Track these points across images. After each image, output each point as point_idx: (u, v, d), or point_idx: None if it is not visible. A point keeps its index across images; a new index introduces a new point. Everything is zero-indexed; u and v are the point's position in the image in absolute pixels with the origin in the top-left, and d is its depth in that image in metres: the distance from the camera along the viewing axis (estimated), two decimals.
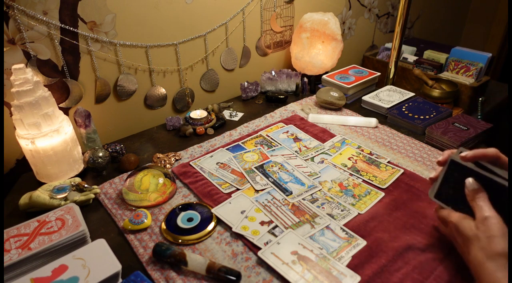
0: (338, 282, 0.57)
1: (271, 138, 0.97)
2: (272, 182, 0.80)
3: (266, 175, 0.82)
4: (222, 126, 1.05)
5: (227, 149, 0.92)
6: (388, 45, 1.60)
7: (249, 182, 0.80)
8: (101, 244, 0.61)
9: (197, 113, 1.04)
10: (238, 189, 0.78)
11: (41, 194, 0.73)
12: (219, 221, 0.70)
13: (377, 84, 1.29)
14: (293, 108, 1.14)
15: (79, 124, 0.88)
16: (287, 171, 0.83)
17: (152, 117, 1.11)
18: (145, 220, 0.70)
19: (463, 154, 0.56)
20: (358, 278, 0.58)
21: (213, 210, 0.72)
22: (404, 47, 1.54)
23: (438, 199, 0.60)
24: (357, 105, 1.17)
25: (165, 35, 1.03)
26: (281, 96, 1.18)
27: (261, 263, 0.62)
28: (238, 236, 0.67)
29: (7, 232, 0.63)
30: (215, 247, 0.65)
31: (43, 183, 0.81)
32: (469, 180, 0.54)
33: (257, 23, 1.24)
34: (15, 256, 0.58)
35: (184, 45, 1.08)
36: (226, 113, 1.12)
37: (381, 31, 1.76)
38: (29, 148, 0.77)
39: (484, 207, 0.51)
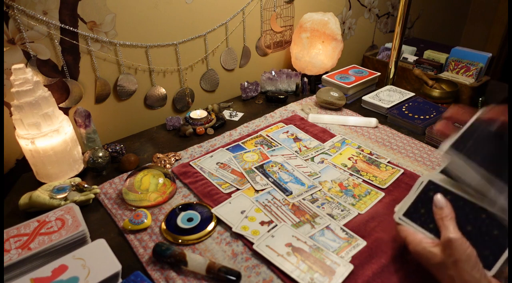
0: (332, 271, 0.58)
1: (271, 138, 0.97)
2: (272, 182, 0.80)
3: (266, 175, 0.82)
4: (222, 126, 1.05)
5: (227, 149, 0.92)
6: (388, 45, 1.60)
7: (249, 182, 0.80)
8: (101, 244, 0.61)
9: (197, 113, 1.04)
10: (238, 189, 0.78)
11: (41, 194, 0.73)
12: (219, 221, 0.70)
13: (377, 84, 1.29)
14: (293, 108, 1.14)
15: (79, 124, 0.88)
16: (287, 171, 0.83)
17: (152, 117, 1.11)
18: (145, 220, 0.70)
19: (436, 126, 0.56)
20: (351, 267, 0.59)
21: (213, 210, 0.72)
22: (404, 47, 1.54)
23: (408, 217, 0.58)
24: (357, 105, 1.17)
25: (165, 35, 1.03)
26: (281, 96, 1.18)
27: (258, 258, 0.62)
28: (238, 236, 0.67)
29: (7, 232, 0.63)
30: (215, 247, 0.65)
31: (43, 183, 0.81)
32: (438, 197, 0.53)
33: (257, 23, 1.24)
34: (15, 256, 0.58)
35: (184, 45, 1.08)
36: (226, 113, 1.12)
37: (381, 31, 1.76)
38: (29, 148, 0.77)
39: (449, 227, 0.49)
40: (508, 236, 0.50)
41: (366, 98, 1.14)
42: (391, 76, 1.29)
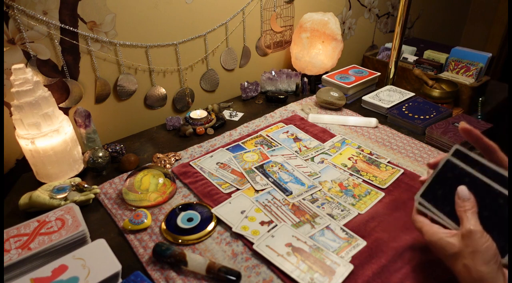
0: (332, 271, 0.58)
1: (271, 138, 0.97)
2: (272, 182, 0.80)
3: (266, 175, 0.82)
4: (222, 126, 1.05)
5: (227, 149, 0.92)
6: (388, 45, 1.60)
7: (249, 182, 0.80)
8: (101, 244, 0.61)
9: (197, 113, 1.04)
10: (238, 189, 0.78)
11: (41, 194, 0.73)
12: (219, 221, 0.70)
13: (377, 84, 1.29)
14: (293, 108, 1.14)
15: (79, 124, 0.88)
16: (287, 171, 0.83)
17: (152, 117, 1.11)
18: (145, 220, 0.70)
19: (463, 124, 0.51)
20: (351, 267, 0.59)
21: (213, 210, 0.72)
22: (404, 47, 1.54)
23: (425, 199, 0.55)
24: (357, 105, 1.17)
25: (165, 35, 1.03)
26: (281, 96, 1.18)
27: (258, 258, 0.62)
28: (238, 236, 0.67)
29: (7, 232, 0.63)
30: (215, 247, 0.65)
31: (43, 183, 0.81)
32: (462, 188, 0.51)
33: (257, 23, 1.24)
34: (15, 256, 0.58)
35: (184, 45, 1.08)
36: (226, 113, 1.12)
37: (381, 31, 1.76)
38: (29, 148, 0.77)
39: (471, 220, 0.48)
40: (508, 236, 0.50)
41: (366, 98, 1.14)
42: (391, 76, 1.29)
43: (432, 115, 1.03)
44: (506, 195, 0.49)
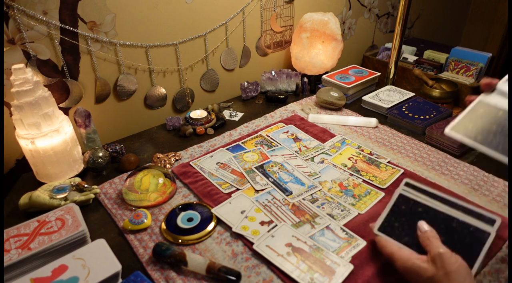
0: (332, 271, 0.58)
1: (271, 138, 0.97)
2: (272, 182, 0.80)
3: (266, 175, 0.82)
4: (222, 126, 1.05)
5: (227, 149, 0.92)
6: (388, 45, 1.60)
7: (249, 182, 0.80)
8: (101, 244, 0.61)
9: (197, 113, 1.04)
10: (238, 189, 0.78)
11: (41, 194, 0.73)
12: (219, 221, 0.70)
13: (377, 84, 1.29)
14: (293, 108, 1.14)
15: (79, 124, 0.88)
16: (287, 171, 0.83)
17: (152, 117, 1.11)
18: (145, 220, 0.70)
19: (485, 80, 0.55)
20: (351, 267, 0.59)
21: (213, 210, 0.72)
22: (404, 47, 1.54)
23: (382, 232, 0.59)
24: (357, 105, 1.17)
25: (165, 35, 1.03)
26: (281, 96, 1.18)
27: (258, 258, 0.62)
28: (238, 236, 0.67)
29: (7, 232, 0.63)
30: (215, 247, 0.65)
31: (43, 183, 0.81)
32: (422, 223, 0.56)
33: (257, 23, 1.24)
34: (15, 256, 0.58)
35: (184, 45, 1.08)
36: (226, 113, 1.12)
37: (381, 31, 1.76)
38: (29, 148, 0.77)
39: (437, 243, 0.52)
40: (509, 236, 0.50)
41: (366, 98, 1.14)
42: (391, 76, 1.29)
43: (432, 115, 1.03)
44: (458, 218, 0.54)
